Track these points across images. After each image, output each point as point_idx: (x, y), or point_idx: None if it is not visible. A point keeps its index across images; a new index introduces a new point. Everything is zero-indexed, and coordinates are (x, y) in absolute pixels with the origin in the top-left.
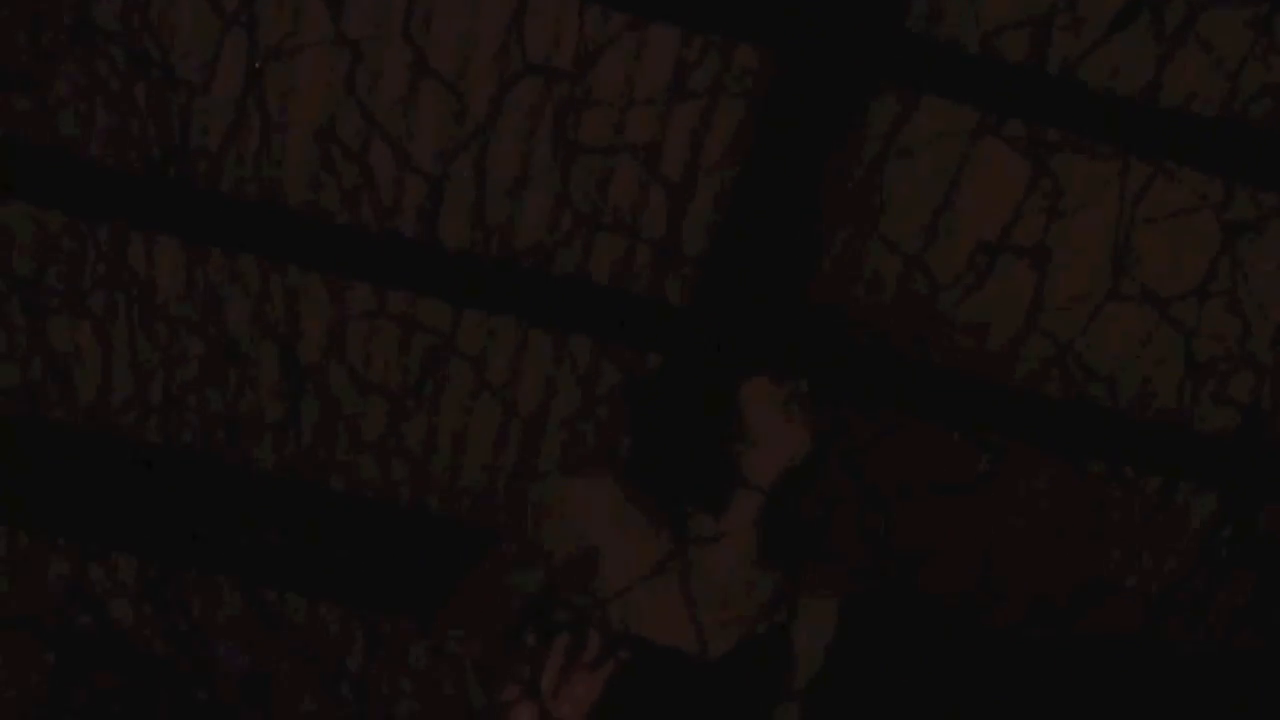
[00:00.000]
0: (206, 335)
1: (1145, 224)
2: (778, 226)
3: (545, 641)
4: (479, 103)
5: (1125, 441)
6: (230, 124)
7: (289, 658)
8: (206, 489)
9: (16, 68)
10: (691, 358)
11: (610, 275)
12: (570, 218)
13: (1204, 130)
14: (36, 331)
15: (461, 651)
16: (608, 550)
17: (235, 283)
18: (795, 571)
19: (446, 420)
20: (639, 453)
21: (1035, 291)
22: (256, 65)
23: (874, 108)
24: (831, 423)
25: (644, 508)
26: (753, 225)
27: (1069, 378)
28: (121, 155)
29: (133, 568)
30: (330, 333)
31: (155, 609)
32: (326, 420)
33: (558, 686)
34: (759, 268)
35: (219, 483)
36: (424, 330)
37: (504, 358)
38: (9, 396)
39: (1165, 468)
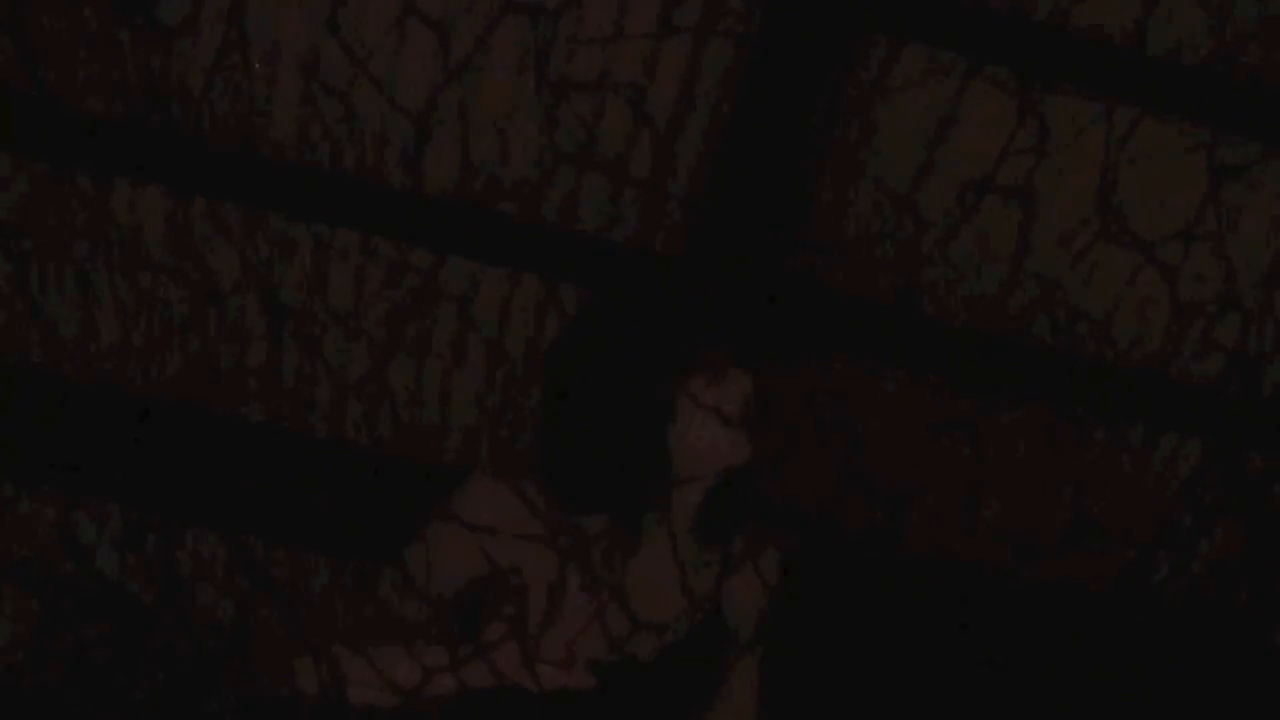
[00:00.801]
0: (189, 282)
1: (1130, 165)
2: (767, 169)
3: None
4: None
5: (1110, 387)
6: (211, 66)
7: (272, 608)
8: (189, 436)
9: None
10: (636, 304)
11: (597, 219)
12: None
13: (1191, 76)
14: (19, 279)
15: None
16: (519, 568)
17: (220, 231)
18: (730, 545)
19: (432, 365)
20: (554, 441)
21: (1021, 233)
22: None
23: (863, 51)
24: (815, 371)
25: (552, 518)
26: (742, 167)
27: (1055, 321)
28: (104, 101)
29: (117, 515)
30: (314, 275)
31: (140, 557)
32: (309, 365)
33: (543, 625)
34: (749, 209)
35: (202, 430)
36: (412, 271)
37: (491, 302)
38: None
39: (1150, 413)
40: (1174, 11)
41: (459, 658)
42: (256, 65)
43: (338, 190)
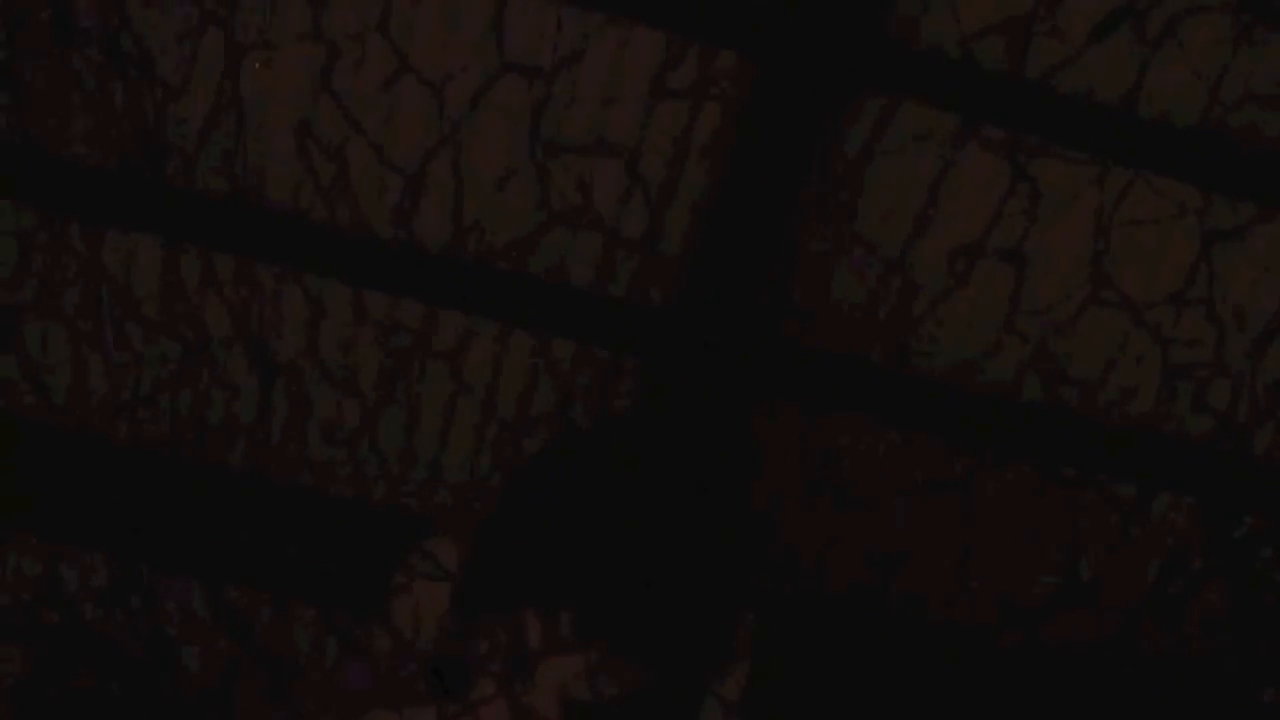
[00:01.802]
0: (181, 336)
1: (1122, 228)
2: (756, 232)
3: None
4: (458, 102)
5: (1100, 448)
6: (206, 121)
7: (254, 659)
8: (176, 488)
9: None
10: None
11: (590, 275)
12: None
13: (1183, 139)
14: (9, 329)
15: None
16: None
17: (210, 283)
18: None
19: (426, 419)
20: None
21: (1013, 295)
22: (256, 66)
23: (853, 112)
24: (805, 428)
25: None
26: (732, 230)
27: (1046, 381)
28: (98, 153)
29: (101, 567)
30: (306, 331)
31: (124, 609)
32: (297, 419)
33: (529, 677)
34: (739, 271)
35: (189, 482)
36: (402, 330)
37: (482, 357)
38: None
39: (1141, 474)
40: (1166, 74)
41: (446, 716)
42: (249, 121)
43: (330, 246)
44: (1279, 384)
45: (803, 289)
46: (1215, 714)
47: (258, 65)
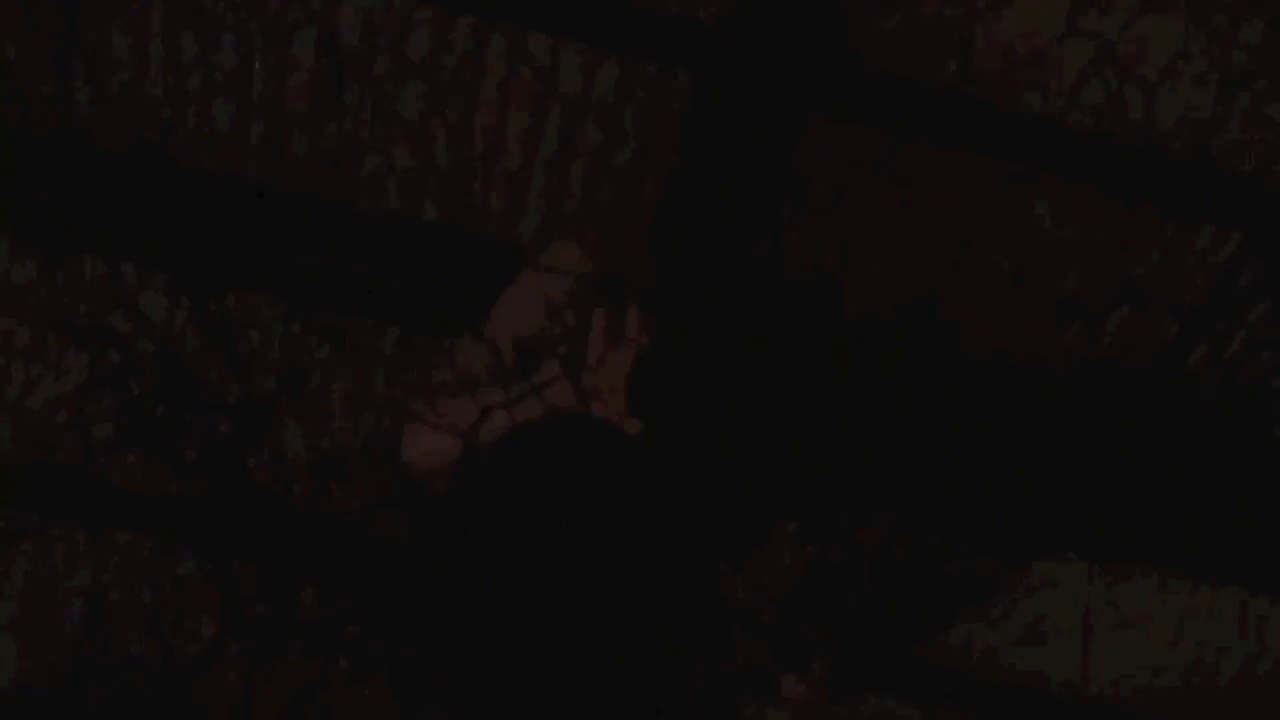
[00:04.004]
0: (242, 26)
1: None
2: None
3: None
4: None
5: (1152, 170)
6: None
7: (325, 361)
8: (236, 198)
9: None
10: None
11: None
12: None
13: None
14: (69, 28)
15: None
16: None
17: None
18: None
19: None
20: None
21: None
22: None
23: None
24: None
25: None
26: None
27: (1108, 88)
28: None
29: (165, 281)
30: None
31: (189, 303)
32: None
33: (597, 362)
34: None
35: (250, 193)
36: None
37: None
38: (40, 105)
39: (1191, 200)
40: None
41: (513, 396)
42: None
43: None
44: None
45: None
46: (1257, 445)
47: None
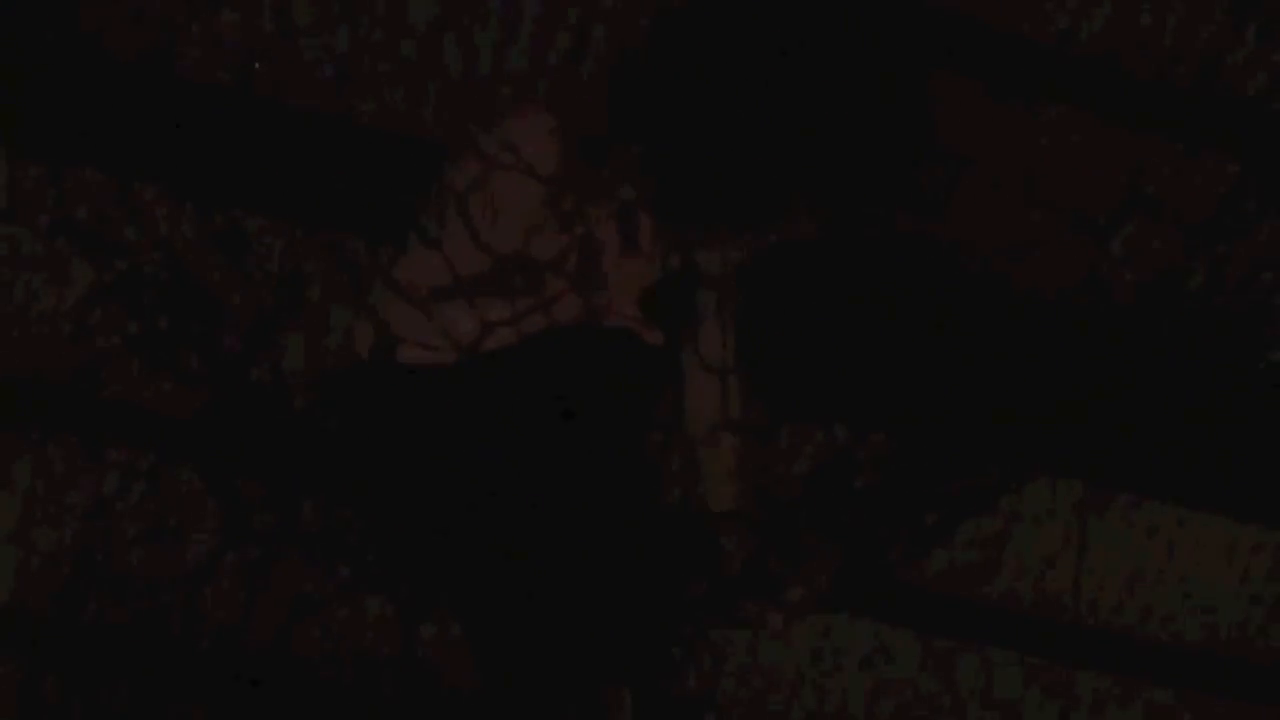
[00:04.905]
0: None
1: None
2: None
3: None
4: None
5: (1153, 96)
6: None
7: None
8: (241, 120)
9: None
10: None
11: None
12: None
13: None
14: None
15: None
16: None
17: None
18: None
19: None
20: None
21: None
22: None
23: None
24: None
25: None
26: None
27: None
28: None
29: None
30: None
31: (196, 215)
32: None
33: (608, 273)
34: None
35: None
36: None
37: None
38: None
39: (1192, 125)
40: None
41: (519, 311)
42: None
43: None
44: None
45: None
46: (1256, 374)
47: None
